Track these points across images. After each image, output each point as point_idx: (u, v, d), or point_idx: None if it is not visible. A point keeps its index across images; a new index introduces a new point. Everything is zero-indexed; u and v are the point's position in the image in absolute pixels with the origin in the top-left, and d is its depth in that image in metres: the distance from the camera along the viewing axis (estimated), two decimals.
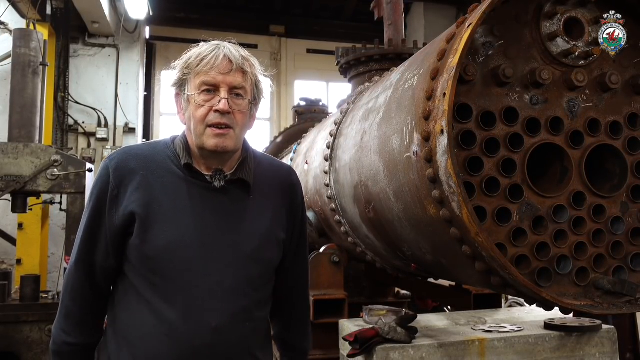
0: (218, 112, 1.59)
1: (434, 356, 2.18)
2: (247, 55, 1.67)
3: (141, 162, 1.65)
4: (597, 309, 1.81)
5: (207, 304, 1.57)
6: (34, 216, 6.56)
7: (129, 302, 1.62)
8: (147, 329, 1.57)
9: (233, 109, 1.61)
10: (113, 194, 1.61)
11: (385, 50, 4.01)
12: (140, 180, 1.62)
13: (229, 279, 1.61)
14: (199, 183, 1.66)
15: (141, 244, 1.58)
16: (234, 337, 1.60)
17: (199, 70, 1.61)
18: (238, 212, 1.68)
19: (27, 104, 5.28)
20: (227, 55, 1.61)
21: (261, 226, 1.70)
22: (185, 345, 1.55)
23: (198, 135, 1.62)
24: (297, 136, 5.61)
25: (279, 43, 11.20)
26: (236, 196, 1.69)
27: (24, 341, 4.63)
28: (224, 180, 1.66)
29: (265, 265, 1.71)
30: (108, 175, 1.62)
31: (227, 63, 1.61)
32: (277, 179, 1.81)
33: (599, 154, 1.95)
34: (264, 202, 1.74)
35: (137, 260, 1.60)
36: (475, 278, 1.94)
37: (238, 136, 1.65)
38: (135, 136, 8.82)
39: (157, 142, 1.77)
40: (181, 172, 1.66)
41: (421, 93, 1.86)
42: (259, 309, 1.70)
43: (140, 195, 1.60)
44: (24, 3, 6.96)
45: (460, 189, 1.63)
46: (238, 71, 1.62)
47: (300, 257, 1.90)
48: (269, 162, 1.86)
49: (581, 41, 1.92)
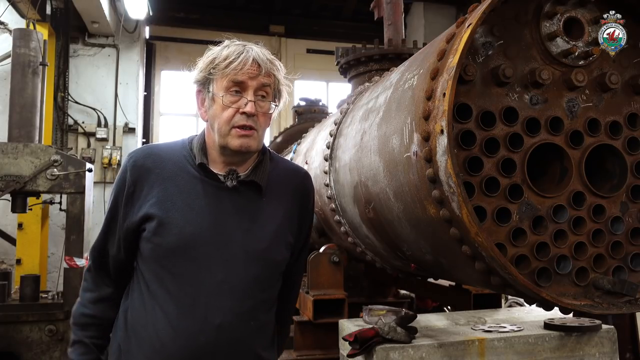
0: (245, 114, 1.62)
1: (433, 356, 2.18)
2: (273, 59, 1.72)
3: (158, 161, 1.70)
4: (596, 309, 1.81)
5: (213, 302, 1.60)
6: (34, 216, 6.57)
7: (140, 294, 1.68)
8: (155, 322, 1.61)
9: (257, 111, 1.65)
10: (129, 191, 1.68)
11: (385, 50, 4.01)
12: (156, 179, 1.67)
13: (236, 278, 1.64)
14: (213, 182, 1.69)
15: (153, 241, 1.63)
16: (237, 336, 1.63)
17: (228, 72, 1.64)
18: (250, 213, 1.71)
19: (27, 104, 5.28)
20: (256, 58, 1.65)
21: (272, 228, 1.72)
22: (189, 340, 1.58)
23: (222, 135, 1.65)
24: (297, 136, 5.62)
25: (278, 43, 11.19)
26: (249, 197, 1.72)
27: (24, 341, 4.64)
28: (236, 180, 1.69)
29: (273, 267, 1.74)
30: (126, 172, 1.70)
31: (256, 67, 1.65)
32: (291, 183, 1.84)
33: (599, 153, 1.94)
34: (277, 205, 1.76)
35: (148, 255, 1.66)
36: (475, 278, 1.94)
37: (260, 137, 1.70)
38: (135, 136, 8.82)
39: (176, 141, 1.82)
40: (195, 172, 1.70)
41: (421, 93, 1.86)
42: (264, 310, 1.72)
43: (154, 194, 1.65)
44: (24, 3, 6.96)
45: (460, 188, 1.63)
46: (265, 75, 1.67)
47: (300, 261, 1.96)
48: (285, 165, 1.89)
49: (581, 41, 1.92)
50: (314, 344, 3.25)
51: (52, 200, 6.16)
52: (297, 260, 1.91)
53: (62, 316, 4.71)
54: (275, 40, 11.16)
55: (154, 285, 1.64)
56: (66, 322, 4.71)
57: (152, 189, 1.66)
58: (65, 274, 4.88)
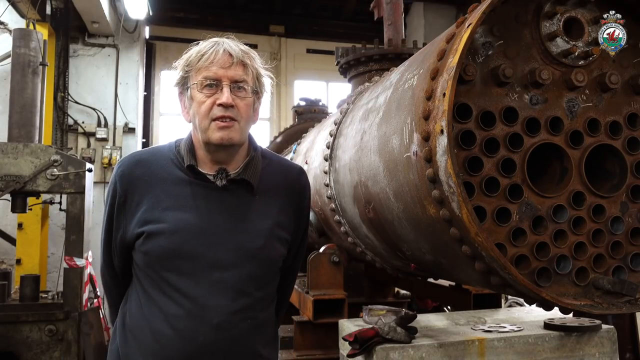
0: (222, 105, 1.61)
1: (433, 356, 2.18)
2: (247, 49, 1.71)
3: (145, 168, 1.70)
4: (596, 309, 1.81)
5: (210, 301, 1.61)
6: (34, 216, 6.57)
7: (137, 298, 1.69)
8: (153, 324, 1.62)
9: (236, 102, 1.63)
10: (120, 201, 1.70)
11: (384, 50, 4.01)
12: (145, 186, 1.68)
13: (232, 277, 1.64)
14: (202, 183, 1.69)
15: (145, 248, 1.64)
16: (235, 335, 1.63)
17: (200, 66, 1.63)
18: (242, 212, 1.70)
19: (27, 104, 5.28)
20: (227, 49, 1.64)
21: (266, 226, 1.72)
22: (188, 341, 1.59)
23: (203, 130, 1.64)
24: (297, 136, 5.62)
25: (278, 43, 11.19)
26: (240, 196, 1.71)
27: (24, 341, 4.64)
28: (225, 180, 1.68)
29: (268, 265, 1.73)
30: (115, 183, 1.72)
31: (228, 57, 1.63)
32: (285, 180, 1.83)
33: (599, 153, 1.94)
34: (271, 202, 1.75)
35: (142, 262, 1.67)
36: (475, 278, 1.94)
37: (243, 129, 1.67)
38: (135, 136, 8.81)
39: (162, 146, 1.82)
40: (184, 174, 1.69)
41: (421, 93, 1.86)
42: (262, 307, 1.72)
43: (145, 202, 1.66)
44: (24, 3, 6.95)
45: (460, 188, 1.63)
46: (239, 64, 1.65)
47: (298, 258, 1.97)
48: (279, 162, 1.89)
49: (581, 41, 1.92)
50: (314, 344, 3.25)
51: (52, 200, 6.16)
52: (295, 256, 1.92)
53: (62, 316, 4.71)
54: (275, 40, 11.16)
55: (150, 289, 1.65)
56: (66, 322, 4.71)
57: (142, 197, 1.67)
58: (65, 274, 4.88)
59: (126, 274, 1.78)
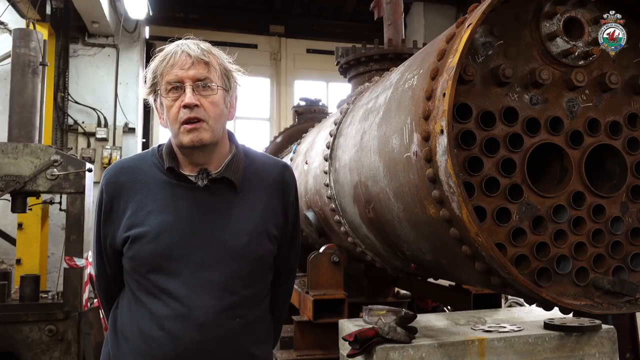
0: (186, 107, 1.62)
1: (433, 356, 2.18)
2: (208, 47, 1.71)
3: (129, 174, 1.73)
4: (596, 309, 1.81)
5: (196, 301, 1.61)
6: (34, 216, 6.57)
7: (127, 300, 1.72)
8: (142, 325, 1.64)
9: (201, 101, 1.64)
10: (107, 209, 1.72)
11: (384, 50, 4.01)
12: (130, 192, 1.70)
13: (217, 276, 1.65)
14: (185, 185, 1.70)
15: (131, 253, 1.66)
16: (223, 334, 1.63)
17: (163, 71, 1.65)
18: (226, 210, 1.71)
19: (27, 104, 5.28)
20: (185, 50, 1.65)
21: (250, 223, 1.72)
22: (176, 340, 1.60)
23: (175, 135, 1.67)
24: (297, 136, 5.61)
25: (278, 43, 11.20)
26: (223, 195, 1.72)
27: (24, 341, 4.64)
28: (207, 179, 1.69)
29: (255, 262, 1.73)
30: (102, 192, 1.74)
31: (186, 57, 1.64)
32: (269, 176, 1.83)
33: (599, 153, 1.94)
34: (255, 199, 1.76)
35: (129, 266, 1.70)
36: (475, 278, 1.94)
37: (213, 127, 1.66)
38: (135, 136, 8.82)
39: (146, 151, 1.84)
40: (166, 177, 1.71)
41: (421, 93, 1.86)
42: (251, 306, 1.72)
43: (130, 207, 1.69)
44: (24, 3, 6.96)
45: (460, 188, 1.63)
46: (199, 63, 1.65)
47: (293, 255, 1.96)
48: (263, 159, 1.89)
49: (581, 41, 1.92)
50: (314, 344, 3.25)
51: (52, 200, 6.16)
52: (288, 252, 1.91)
53: (62, 316, 4.71)
54: (275, 40, 11.17)
55: (138, 292, 1.67)
56: (66, 322, 4.71)
57: (127, 203, 1.69)
58: (65, 274, 4.88)
59: (120, 282, 1.80)
